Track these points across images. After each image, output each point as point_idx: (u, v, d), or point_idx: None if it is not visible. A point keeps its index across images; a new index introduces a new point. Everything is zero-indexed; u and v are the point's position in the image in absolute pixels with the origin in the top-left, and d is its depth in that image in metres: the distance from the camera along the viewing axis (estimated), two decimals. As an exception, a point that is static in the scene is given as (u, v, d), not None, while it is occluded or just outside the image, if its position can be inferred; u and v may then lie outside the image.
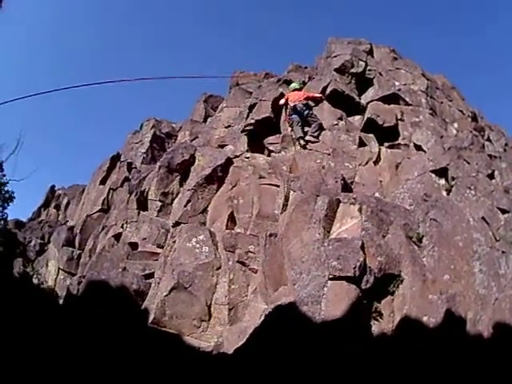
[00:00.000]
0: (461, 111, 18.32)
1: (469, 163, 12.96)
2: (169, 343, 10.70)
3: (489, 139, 16.93)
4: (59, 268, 19.99)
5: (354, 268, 9.32)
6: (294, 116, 16.52)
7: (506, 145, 16.38)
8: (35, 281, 20.13)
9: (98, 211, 21.98)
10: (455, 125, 17.02)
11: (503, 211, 10.96)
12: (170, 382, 9.37)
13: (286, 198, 12.69)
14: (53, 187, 31.65)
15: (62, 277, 19.67)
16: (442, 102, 18.28)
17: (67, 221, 26.19)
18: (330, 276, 9.34)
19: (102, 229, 19.35)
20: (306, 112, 16.44)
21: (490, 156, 13.69)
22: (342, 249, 9.79)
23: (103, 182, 23.95)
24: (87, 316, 11.73)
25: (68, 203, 28.71)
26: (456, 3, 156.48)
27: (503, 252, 10.30)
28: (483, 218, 10.97)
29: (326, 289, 9.22)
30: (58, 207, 29.44)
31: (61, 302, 16.40)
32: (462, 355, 8.77)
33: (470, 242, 10.66)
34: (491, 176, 12.58)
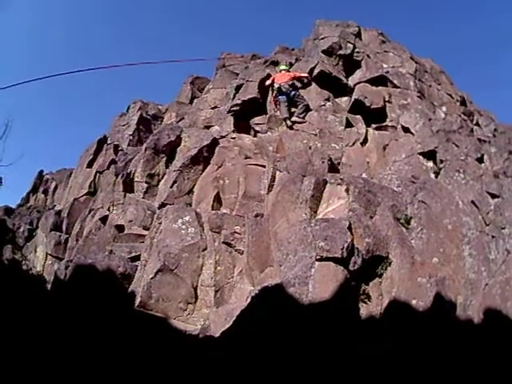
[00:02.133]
0: (449, 95, 18.30)
1: (458, 146, 12.90)
2: (155, 327, 10.62)
3: (478, 124, 16.92)
4: (47, 253, 19.90)
5: (342, 249, 9.22)
6: (280, 97, 16.50)
7: (496, 130, 16.28)
8: (24, 267, 20.02)
9: (84, 194, 21.82)
10: (444, 108, 16.94)
11: (493, 196, 10.88)
12: (156, 366, 9.28)
13: (273, 179, 12.65)
14: (41, 172, 31.44)
15: (50, 262, 19.57)
16: (430, 86, 18.27)
17: (55, 205, 26.00)
18: (317, 257, 9.21)
19: (89, 212, 19.22)
20: (293, 93, 16.42)
21: (479, 140, 13.61)
22: (329, 229, 9.67)
23: (90, 165, 23.80)
24: (75, 301, 11.61)
25: (56, 187, 28.56)
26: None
27: (493, 237, 10.21)
28: (472, 202, 10.90)
29: (313, 270, 9.10)
30: (46, 192, 29.27)
31: (49, 287, 16.28)
32: (451, 340, 8.73)
33: (460, 225, 10.59)
34: (480, 160, 12.50)
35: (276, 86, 16.73)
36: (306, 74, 17.61)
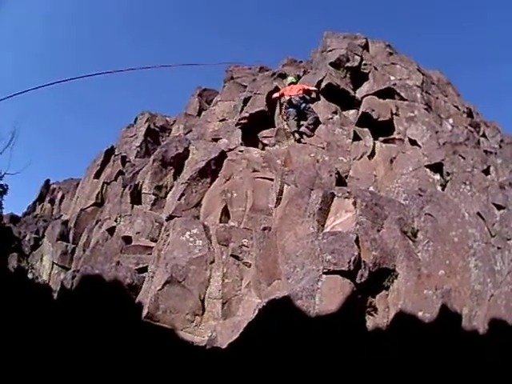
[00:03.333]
0: (456, 107, 18.30)
1: (464, 158, 12.93)
2: (162, 338, 10.63)
3: (484, 135, 16.95)
4: (53, 262, 20.03)
5: (349, 262, 9.26)
6: (290, 109, 16.46)
7: (502, 141, 16.33)
8: (30, 276, 20.10)
9: (92, 205, 21.97)
10: (450, 120, 16.98)
11: (499, 207, 10.89)
12: (163, 377, 9.31)
13: (280, 192, 12.64)
14: (47, 181, 31.69)
15: (56, 271, 19.70)
16: (437, 98, 18.28)
17: (61, 215, 26.17)
18: (325, 270, 9.26)
19: (96, 223, 19.34)
20: (303, 105, 16.39)
21: (485, 152, 13.64)
22: (337, 242, 9.72)
23: (97, 175, 23.92)
24: (81, 311, 11.65)
25: (62, 197, 28.73)
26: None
27: (499, 248, 10.22)
28: (478, 214, 10.91)
29: (320, 283, 9.15)
30: (52, 201, 29.45)
31: (55, 296, 16.33)
32: (457, 351, 8.74)
33: (466, 237, 10.60)
34: (487, 172, 12.54)
35: (287, 98, 16.65)
36: (315, 88, 17.60)
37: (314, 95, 17.53)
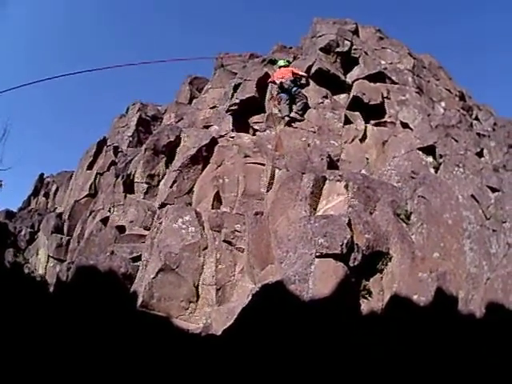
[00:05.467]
0: (448, 90, 18.32)
1: (457, 141, 12.89)
2: (158, 326, 10.65)
3: (477, 118, 16.97)
4: (49, 256, 20.03)
5: (341, 245, 9.21)
6: (282, 94, 16.49)
7: (495, 124, 16.31)
8: (26, 270, 20.10)
9: (85, 196, 21.97)
10: (442, 103, 17.02)
11: (493, 190, 10.86)
12: (160, 365, 9.30)
13: (272, 176, 12.69)
14: (42, 175, 31.60)
15: (51, 264, 19.70)
16: (428, 81, 18.31)
17: (56, 208, 26.14)
18: (317, 254, 9.20)
19: (90, 214, 19.33)
20: (294, 89, 16.34)
21: (478, 134, 13.59)
22: (329, 226, 9.65)
23: (90, 166, 23.95)
24: (77, 302, 11.65)
25: (57, 190, 28.66)
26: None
27: (494, 231, 10.19)
28: (472, 196, 10.87)
29: (313, 267, 9.09)
30: (47, 195, 29.40)
31: (51, 289, 16.34)
32: (454, 334, 8.71)
33: (460, 219, 10.56)
34: (480, 154, 12.51)
35: (278, 82, 16.62)
36: (304, 74, 17.55)
37: (303, 81, 17.50)
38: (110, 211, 17.27)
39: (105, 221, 16.78)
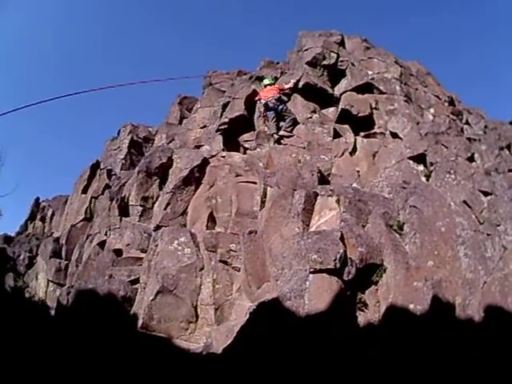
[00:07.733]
0: (437, 96, 18.38)
1: (447, 147, 12.98)
2: (159, 347, 10.70)
3: (468, 122, 16.97)
4: (48, 280, 20.00)
5: (334, 260, 9.27)
6: (268, 112, 16.62)
7: (486, 127, 16.32)
8: (27, 294, 20.11)
9: (81, 220, 21.95)
10: (431, 110, 17.08)
11: (485, 193, 10.92)
12: (163, 385, 9.37)
13: (264, 195, 12.70)
14: (37, 200, 31.55)
15: (51, 288, 19.68)
16: (416, 89, 18.38)
17: (53, 232, 26.12)
18: (311, 269, 9.27)
19: (87, 238, 19.36)
20: (280, 107, 16.52)
21: (468, 139, 13.69)
22: (321, 241, 9.73)
23: (85, 190, 23.91)
24: (78, 326, 11.70)
25: (53, 214, 28.63)
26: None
27: (488, 234, 10.21)
28: (465, 202, 10.93)
29: (307, 283, 9.15)
30: (43, 219, 29.37)
31: (52, 313, 16.37)
32: (453, 341, 8.75)
33: (453, 226, 10.61)
34: (471, 159, 12.60)
35: (263, 101, 16.82)
36: (289, 86, 17.73)
37: (289, 91, 17.69)
38: (106, 235, 17.32)
39: (102, 244, 16.85)
